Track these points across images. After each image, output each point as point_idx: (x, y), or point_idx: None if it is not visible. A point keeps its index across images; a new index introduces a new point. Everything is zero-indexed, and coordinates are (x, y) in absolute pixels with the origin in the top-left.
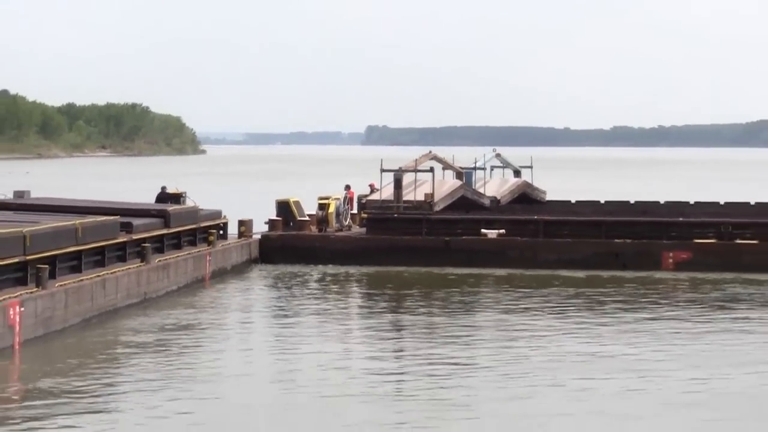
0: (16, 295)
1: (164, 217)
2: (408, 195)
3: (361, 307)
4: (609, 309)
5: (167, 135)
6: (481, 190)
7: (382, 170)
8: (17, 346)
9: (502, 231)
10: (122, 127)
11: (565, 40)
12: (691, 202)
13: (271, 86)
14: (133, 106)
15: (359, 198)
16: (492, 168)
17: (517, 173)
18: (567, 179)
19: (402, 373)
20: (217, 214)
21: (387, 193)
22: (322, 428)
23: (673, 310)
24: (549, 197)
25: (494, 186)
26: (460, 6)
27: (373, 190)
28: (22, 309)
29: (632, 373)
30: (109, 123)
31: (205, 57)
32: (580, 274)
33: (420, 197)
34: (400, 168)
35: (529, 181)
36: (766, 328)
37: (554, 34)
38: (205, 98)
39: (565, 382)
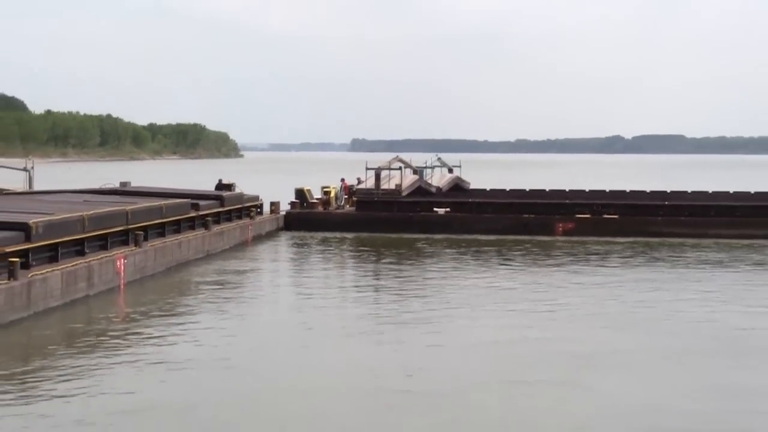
0: (121, 251)
1: (220, 200)
2: (384, 185)
3: (350, 258)
4: (517, 259)
5: (218, 144)
6: (430, 182)
7: (367, 168)
8: (122, 286)
9: (448, 209)
10: (188, 139)
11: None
12: (567, 190)
13: (285, 110)
14: (195, 125)
15: (350, 187)
16: (434, 167)
17: (450, 170)
18: (484, 175)
19: (375, 295)
20: (255, 198)
21: (370, 183)
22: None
23: (558, 260)
24: (472, 186)
25: (437, 179)
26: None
27: (360, 182)
28: (125, 261)
29: (519, 297)
30: (178, 136)
31: (241, 89)
32: (500, 237)
33: (392, 187)
34: (378, 167)
35: (460, 176)
36: (614, 270)
37: (479, 70)
38: (242, 118)
39: (472, 303)
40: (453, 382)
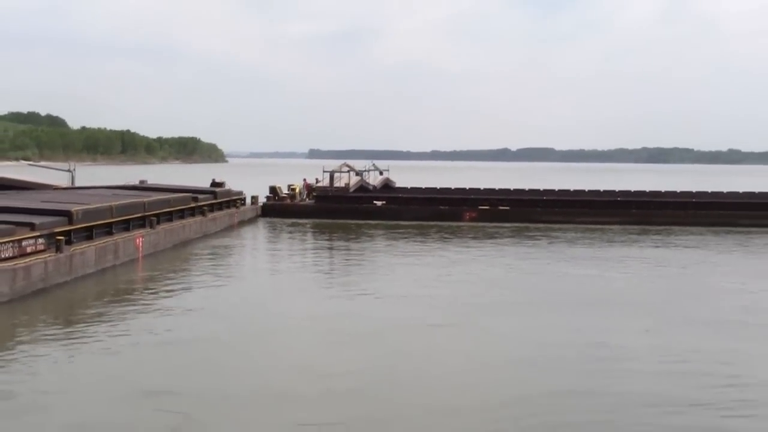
0: (140, 232)
1: (214, 194)
2: (336, 184)
3: (310, 237)
4: (434, 237)
5: (209, 152)
6: (368, 182)
7: (323, 171)
8: (140, 258)
9: (384, 202)
10: (187, 149)
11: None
12: (469, 188)
13: (260, 125)
14: (192, 138)
15: (310, 185)
16: (371, 171)
17: (381, 173)
18: (407, 176)
19: (328, 262)
20: (240, 193)
21: (325, 182)
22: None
23: (463, 239)
24: (398, 185)
25: (373, 180)
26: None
27: (317, 181)
28: (143, 239)
29: (433, 264)
30: (180, 147)
31: (225, 109)
32: (421, 222)
33: (342, 185)
34: (332, 170)
35: (389, 177)
36: (503, 245)
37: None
38: (227, 131)
39: (397, 269)
40: (380, 323)
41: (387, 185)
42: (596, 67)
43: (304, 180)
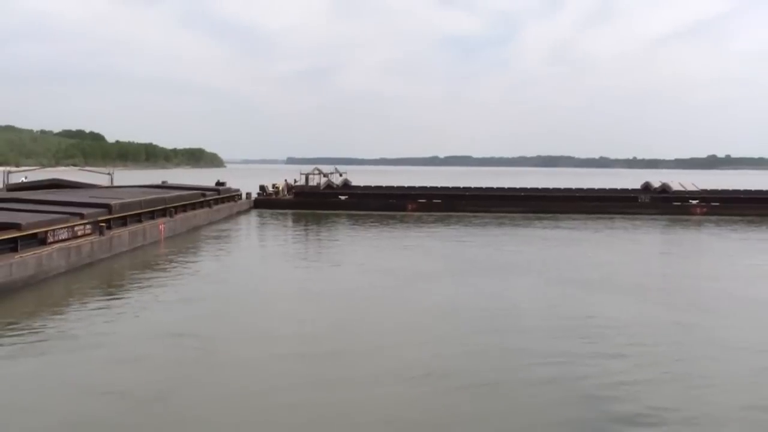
0: (162, 220)
1: (218, 191)
2: (310, 183)
3: (291, 224)
4: (385, 223)
5: (212, 159)
6: (333, 182)
7: (300, 174)
8: (162, 240)
9: (347, 197)
10: (195, 157)
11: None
12: (407, 186)
13: (251, 136)
14: (199, 148)
15: (290, 184)
16: (334, 173)
17: (341, 175)
18: (361, 177)
19: (304, 242)
20: (237, 190)
21: (302, 182)
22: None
23: (407, 225)
24: (355, 184)
25: (336, 180)
26: (338, 100)
27: (296, 181)
28: (164, 226)
29: (384, 244)
30: (189, 155)
31: (224, 125)
32: (375, 213)
33: (315, 184)
34: (307, 173)
35: (347, 178)
36: (435, 229)
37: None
38: (225, 141)
39: (357, 247)
40: (343, 284)
41: (346, 184)
42: (502, 95)
43: (285, 180)
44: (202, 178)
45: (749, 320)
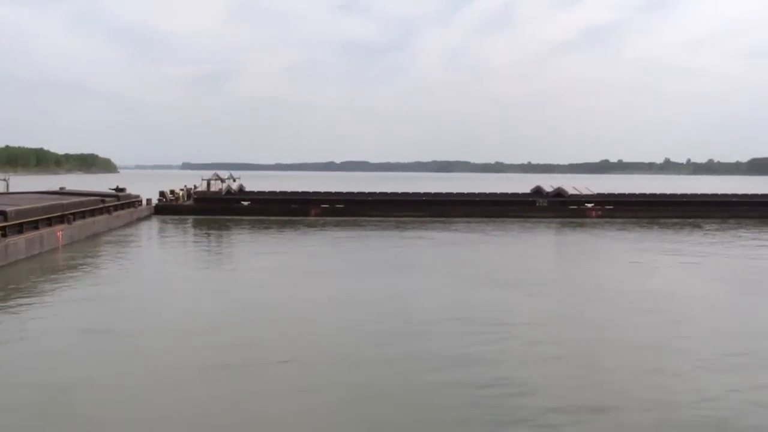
0: (60, 227)
1: (118, 198)
2: (211, 189)
3: (191, 229)
4: (288, 227)
5: (105, 165)
6: (231, 188)
7: (202, 179)
8: (60, 247)
9: (249, 202)
10: (88, 162)
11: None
12: (309, 191)
13: (144, 141)
14: (92, 154)
15: (190, 190)
16: (230, 179)
17: (235, 180)
18: (257, 183)
19: (205, 244)
20: (137, 196)
21: (203, 188)
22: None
23: (311, 228)
24: (257, 189)
25: (233, 186)
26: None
27: (196, 187)
28: (62, 233)
29: (285, 248)
30: (82, 160)
31: (118, 128)
32: (278, 218)
33: (216, 189)
34: (208, 179)
35: (242, 184)
36: (338, 232)
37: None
38: (118, 146)
39: (259, 249)
40: (244, 282)
41: (241, 189)
42: (399, 100)
43: (186, 186)
44: (97, 183)
45: (616, 308)
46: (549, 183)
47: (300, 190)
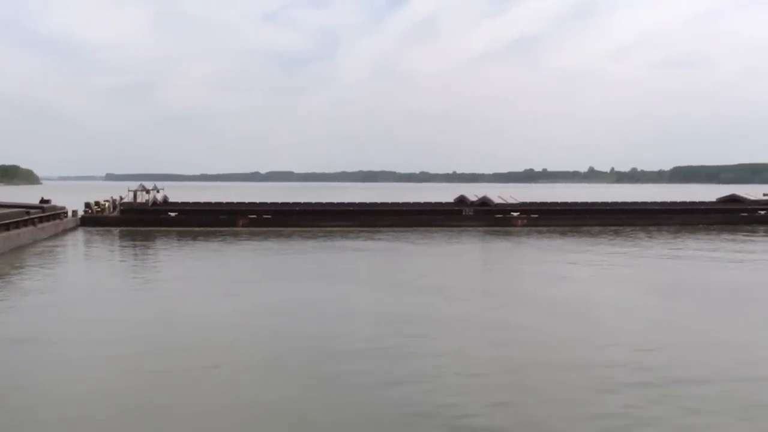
0: None
1: (42, 209)
2: (138, 200)
3: (118, 238)
4: (216, 238)
5: (27, 176)
6: (157, 198)
7: (129, 190)
8: None
9: (177, 213)
10: (9, 174)
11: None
12: (235, 201)
13: (66, 151)
14: (14, 166)
15: (115, 201)
16: (154, 189)
17: (158, 191)
18: (182, 193)
19: (132, 253)
20: (63, 208)
21: (130, 198)
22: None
23: (240, 239)
24: (181, 200)
25: (158, 197)
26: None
27: (122, 198)
28: None
29: (217, 258)
30: (3, 172)
31: (41, 139)
32: (207, 229)
33: (142, 201)
34: (135, 190)
35: (166, 195)
36: (270, 242)
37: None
38: (41, 158)
39: (187, 258)
40: (172, 292)
41: (165, 200)
42: (325, 111)
43: (111, 197)
44: (19, 195)
45: (531, 310)
46: (474, 192)
47: (227, 201)
